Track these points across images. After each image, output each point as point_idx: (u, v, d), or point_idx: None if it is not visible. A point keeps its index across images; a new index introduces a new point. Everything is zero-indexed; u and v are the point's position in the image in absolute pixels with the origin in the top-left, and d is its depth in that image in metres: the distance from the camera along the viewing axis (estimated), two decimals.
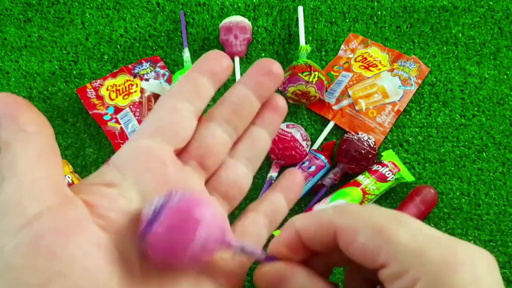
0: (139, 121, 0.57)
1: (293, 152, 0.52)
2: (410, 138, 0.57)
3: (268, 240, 0.22)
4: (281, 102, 0.23)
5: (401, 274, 0.15)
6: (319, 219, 0.18)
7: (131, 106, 0.58)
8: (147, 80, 0.59)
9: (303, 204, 0.53)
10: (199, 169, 0.21)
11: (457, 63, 0.61)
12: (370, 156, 0.52)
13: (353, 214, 0.17)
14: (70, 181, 0.51)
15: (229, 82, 0.60)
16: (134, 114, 0.57)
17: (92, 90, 0.58)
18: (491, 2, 0.64)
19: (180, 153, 0.21)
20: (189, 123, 0.21)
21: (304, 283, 0.18)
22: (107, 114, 0.57)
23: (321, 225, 0.18)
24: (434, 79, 0.60)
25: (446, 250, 0.15)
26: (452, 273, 0.15)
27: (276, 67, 0.22)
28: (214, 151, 0.21)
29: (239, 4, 0.65)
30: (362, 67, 0.60)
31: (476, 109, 0.59)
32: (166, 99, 0.21)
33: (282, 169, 0.54)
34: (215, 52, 0.22)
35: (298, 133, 0.53)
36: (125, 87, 0.59)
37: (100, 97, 0.58)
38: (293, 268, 0.19)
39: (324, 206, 0.50)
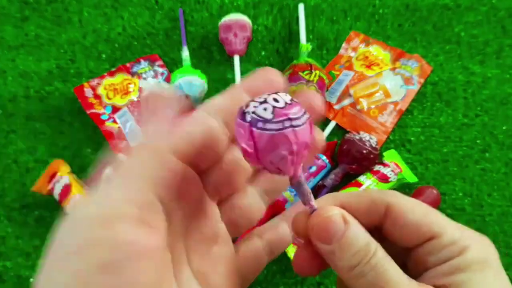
0: (138, 121, 0.56)
1: None
2: (412, 138, 0.56)
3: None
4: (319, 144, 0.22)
5: (452, 242, 0.18)
6: (369, 194, 0.19)
7: (129, 106, 0.57)
8: (145, 79, 0.59)
9: None
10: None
11: (459, 62, 0.60)
12: (371, 156, 0.51)
13: (402, 196, 0.19)
14: (68, 182, 0.51)
15: (229, 81, 0.60)
16: (132, 114, 0.56)
17: (89, 89, 0.57)
18: (493, 1, 0.63)
19: (201, 173, 0.20)
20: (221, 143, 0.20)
21: (362, 233, 0.18)
22: (104, 113, 0.56)
23: (372, 200, 0.19)
24: (437, 78, 0.59)
25: (479, 234, 0.19)
26: (491, 248, 0.18)
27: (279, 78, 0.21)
28: (234, 179, 0.21)
29: (239, 2, 0.64)
30: (364, 66, 0.59)
31: (479, 108, 0.58)
32: (201, 113, 0.19)
33: None
34: (269, 71, 0.20)
35: None
36: (123, 86, 0.58)
37: (97, 96, 0.57)
38: (356, 221, 0.19)
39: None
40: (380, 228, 0.19)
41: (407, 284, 0.17)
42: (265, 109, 0.16)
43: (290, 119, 0.16)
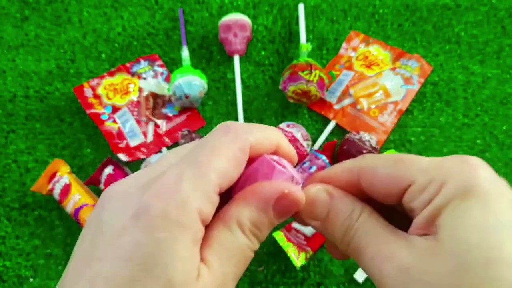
0: (137, 121, 0.56)
1: None
2: (412, 138, 0.56)
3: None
4: None
5: (428, 182, 0.16)
6: (341, 166, 0.20)
7: (129, 106, 0.57)
8: (145, 79, 0.59)
9: None
10: None
11: (460, 62, 0.60)
12: None
13: (372, 156, 0.19)
14: (68, 182, 0.51)
15: (229, 81, 0.60)
16: (132, 114, 0.56)
17: (89, 89, 0.57)
18: (493, 1, 0.63)
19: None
20: None
21: (351, 203, 0.19)
22: (104, 113, 0.56)
23: (343, 170, 0.20)
24: (437, 78, 0.59)
25: (461, 158, 0.17)
26: (474, 172, 0.16)
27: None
28: None
29: (239, 2, 0.64)
30: (364, 66, 0.59)
31: (479, 108, 0.58)
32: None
33: None
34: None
35: (298, 133, 0.52)
36: (123, 86, 0.58)
37: (97, 96, 0.57)
38: (340, 191, 0.20)
39: None
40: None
41: (385, 240, 0.17)
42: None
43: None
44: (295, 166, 0.22)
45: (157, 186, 0.16)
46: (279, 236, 0.48)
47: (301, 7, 0.61)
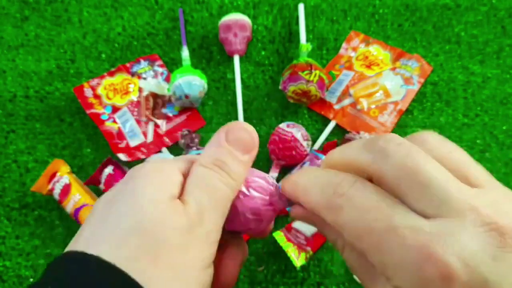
0: (137, 121, 0.56)
1: (293, 152, 0.51)
2: None
3: None
4: None
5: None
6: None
7: (129, 106, 0.57)
8: (145, 79, 0.59)
9: None
10: None
11: (460, 62, 0.60)
12: None
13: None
14: (68, 182, 0.51)
15: (229, 81, 0.60)
16: (132, 114, 0.56)
17: (89, 89, 0.57)
18: (494, 1, 0.63)
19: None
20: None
21: None
22: (104, 113, 0.56)
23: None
24: (437, 78, 0.59)
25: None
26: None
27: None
28: None
29: (239, 2, 0.64)
30: (364, 66, 0.59)
31: (479, 108, 0.58)
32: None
33: (282, 170, 0.54)
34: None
35: (298, 133, 0.52)
36: (123, 86, 0.58)
37: (97, 96, 0.57)
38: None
39: None
40: None
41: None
42: None
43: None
44: (295, 165, 0.24)
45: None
46: (279, 236, 0.48)
47: (301, 7, 0.61)
